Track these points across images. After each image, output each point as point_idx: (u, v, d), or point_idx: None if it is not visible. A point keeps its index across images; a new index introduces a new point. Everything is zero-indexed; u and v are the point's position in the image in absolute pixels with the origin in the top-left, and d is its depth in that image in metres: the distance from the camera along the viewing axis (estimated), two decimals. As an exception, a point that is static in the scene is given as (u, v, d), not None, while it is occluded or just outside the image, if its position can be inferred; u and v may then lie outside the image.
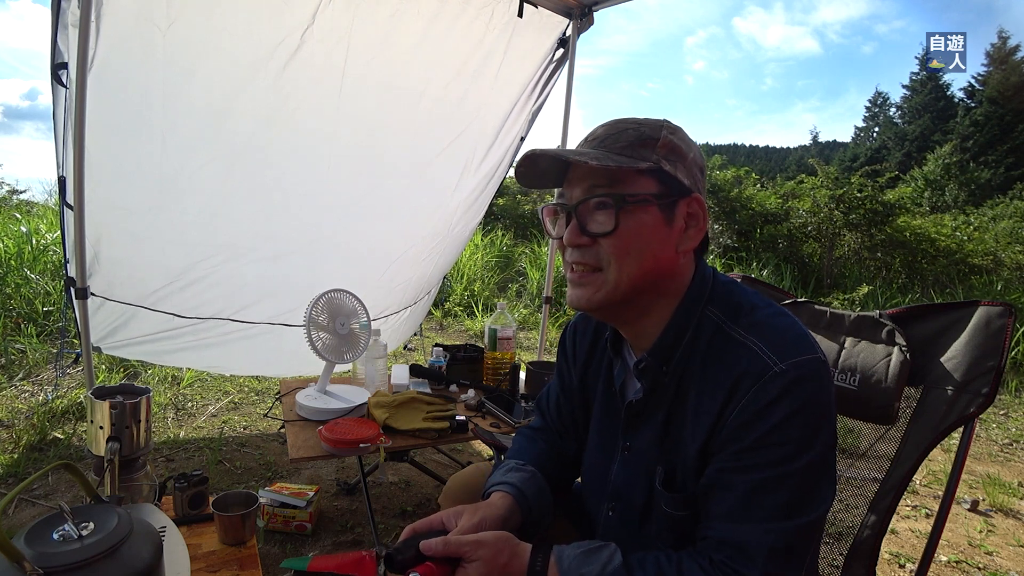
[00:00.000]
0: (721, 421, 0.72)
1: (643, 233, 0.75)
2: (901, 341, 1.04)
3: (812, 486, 0.70)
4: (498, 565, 0.72)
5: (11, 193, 8.89)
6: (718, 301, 0.79)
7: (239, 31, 1.95)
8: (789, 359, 0.69)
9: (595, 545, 0.74)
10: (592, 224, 0.77)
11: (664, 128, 0.78)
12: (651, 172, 0.75)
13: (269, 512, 1.82)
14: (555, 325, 5.29)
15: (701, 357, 0.77)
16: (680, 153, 0.77)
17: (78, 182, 1.77)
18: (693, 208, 0.78)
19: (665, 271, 0.78)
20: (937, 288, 6.69)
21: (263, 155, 2.20)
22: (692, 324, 0.78)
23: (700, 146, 0.82)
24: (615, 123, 0.80)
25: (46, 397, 2.76)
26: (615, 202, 0.74)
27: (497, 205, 8.83)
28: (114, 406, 1.15)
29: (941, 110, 23.95)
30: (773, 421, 0.68)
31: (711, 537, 0.72)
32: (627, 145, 0.76)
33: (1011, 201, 12.33)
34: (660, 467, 0.80)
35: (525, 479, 0.92)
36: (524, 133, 2.76)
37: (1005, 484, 2.68)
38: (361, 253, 2.63)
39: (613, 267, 0.76)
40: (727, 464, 0.71)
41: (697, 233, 0.79)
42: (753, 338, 0.73)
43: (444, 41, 2.29)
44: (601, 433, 0.92)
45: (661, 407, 0.80)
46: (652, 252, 0.76)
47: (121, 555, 0.77)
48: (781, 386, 0.68)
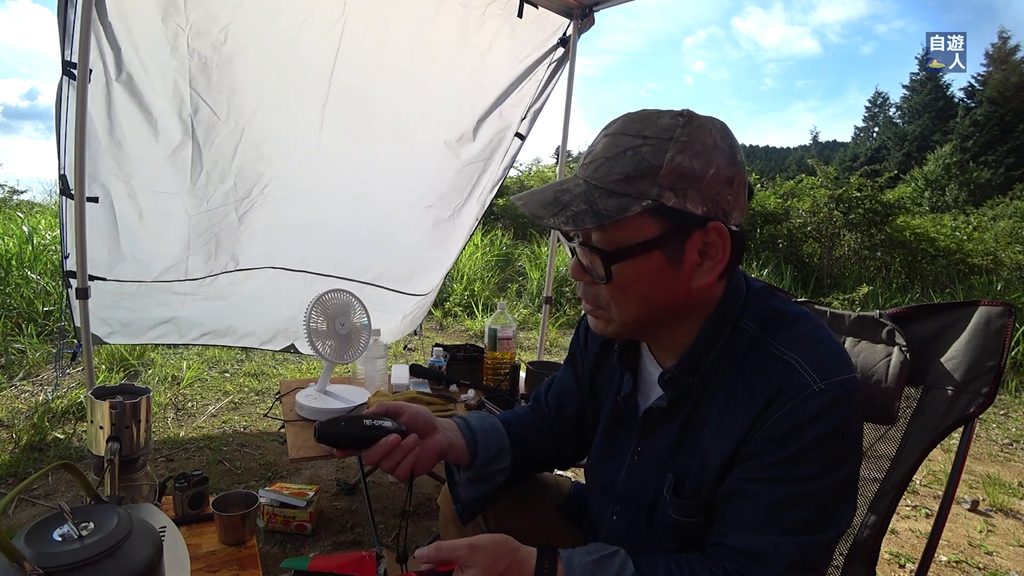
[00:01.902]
0: (752, 433, 0.70)
1: (641, 281, 0.71)
2: (901, 341, 1.04)
3: (835, 504, 0.69)
4: (497, 572, 0.67)
5: (11, 193, 8.90)
6: (753, 312, 0.75)
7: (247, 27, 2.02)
8: (829, 378, 0.67)
9: (605, 552, 0.71)
10: (589, 266, 0.73)
11: (673, 147, 0.66)
12: (651, 211, 0.67)
13: (269, 512, 1.82)
14: (555, 325, 5.29)
15: (733, 368, 0.74)
16: (692, 176, 0.67)
17: (79, 182, 1.77)
18: (711, 238, 0.69)
19: (678, 305, 0.74)
20: (937, 288, 6.69)
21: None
22: (723, 337, 0.74)
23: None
24: (616, 138, 0.70)
25: (46, 397, 2.75)
26: (603, 257, 0.70)
27: (497, 205, 8.81)
28: (114, 406, 1.15)
29: (941, 110, 23.96)
30: (808, 439, 0.67)
31: (726, 545, 0.70)
32: (622, 179, 0.67)
33: (1011, 201, 12.33)
34: (671, 474, 0.78)
35: (479, 416, 0.94)
36: (525, 133, 2.76)
37: (1005, 484, 2.68)
38: (354, 206, 2.68)
39: (614, 310, 0.74)
40: (752, 475, 0.70)
41: (715, 265, 0.71)
42: (792, 353, 0.70)
43: (444, 40, 2.31)
44: (609, 437, 0.90)
45: (680, 415, 0.78)
46: (655, 296, 0.72)
47: (121, 555, 0.76)
48: (820, 405, 0.66)
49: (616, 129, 0.71)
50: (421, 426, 0.85)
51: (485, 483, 0.93)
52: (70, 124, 1.90)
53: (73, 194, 1.96)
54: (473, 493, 0.94)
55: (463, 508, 0.95)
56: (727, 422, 0.72)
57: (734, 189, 0.70)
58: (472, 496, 0.94)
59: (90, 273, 2.06)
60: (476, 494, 0.94)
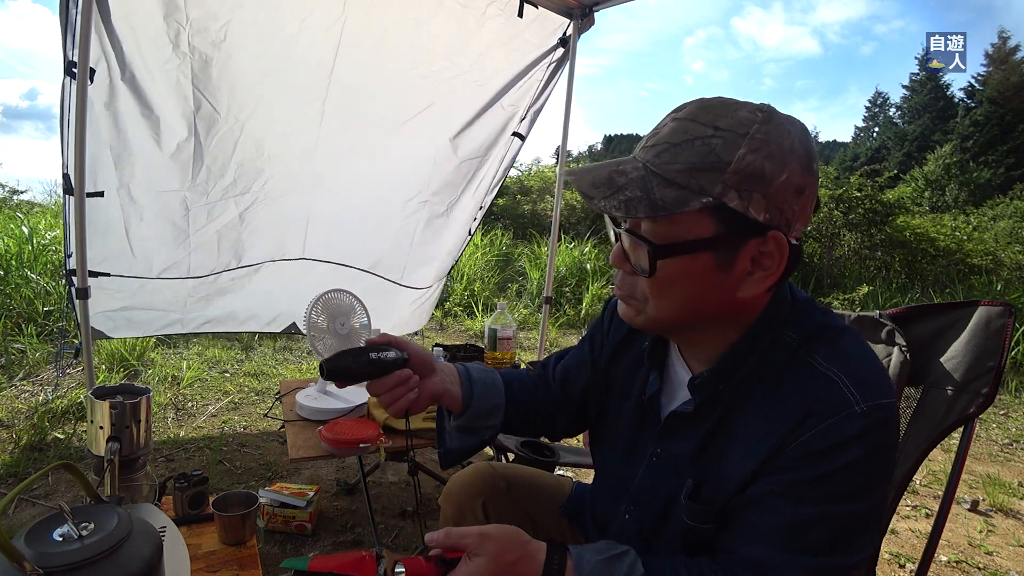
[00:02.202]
0: (783, 446, 0.67)
1: (684, 281, 0.67)
2: (901, 341, 1.04)
3: (858, 530, 0.66)
4: (505, 563, 0.66)
5: (11, 193, 8.89)
6: (796, 323, 0.71)
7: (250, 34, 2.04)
8: (872, 400, 0.64)
9: (615, 551, 0.70)
10: (633, 256, 0.69)
11: (747, 144, 0.61)
12: (710, 210, 0.63)
13: (269, 512, 1.82)
14: (555, 325, 5.29)
15: (770, 379, 0.71)
16: (762, 177, 0.62)
17: (79, 181, 1.78)
18: (768, 248, 0.65)
19: (718, 311, 0.70)
20: (937, 288, 6.68)
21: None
22: (762, 347, 0.71)
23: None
24: (685, 124, 0.65)
25: (46, 397, 2.75)
26: (651, 250, 0.65)
27: (497, 205, 8.82)
28: (114, 406, 1.15)
29: (941, 110, 23.94)
30: (843, 461, 0.64)
31: (739, 554, 0.69)
32: (685, 169, 0.62)
33: (1011, 201, 12.33)
34: (690, 479, 0.75)
35: (482, 369, 0.93)
36: (524, 133, 2.76)
37: (1005, 484, 2.68)
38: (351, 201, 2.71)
39: (650, 304, 0.70)
40: (777, 489, 0.67)
41: (767, 277, 0.66)
42: (835, 368, 0.67)
43: (444, 40, 2.32)
44: (628, 434, 0.87)
45: (706, 421, 0.75)
46: (697, 298, 0.68)
47: (121, 555, 0.76)
48: (861, 428, 0.64)
49: (687, 114, 0.66)
50: (420, 366, 0.84)
51: (473, 435, 0.92)
52: (74, 124, 1.90)
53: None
54: (459, 442, 0.93)
55: (446, 453, 0.94)
56: (758, 432, 0.70)
57: (803, 200, 0.65)
58: (457, 445, 0.93)
59: (93, 269, 2.08)
60: (462, 443, 0.93)
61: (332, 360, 0.77)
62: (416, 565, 0.68)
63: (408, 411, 0.82)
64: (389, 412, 0.82)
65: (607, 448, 0.93)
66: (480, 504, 1.00)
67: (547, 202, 8.61)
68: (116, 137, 2.04)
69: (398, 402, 0.80)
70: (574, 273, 6.32)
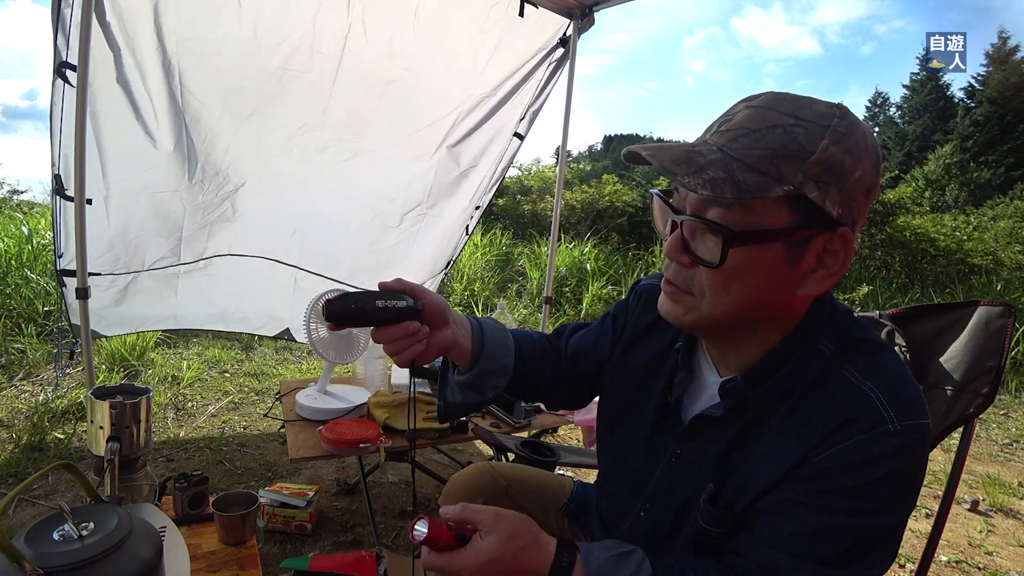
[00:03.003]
0: (810, 456, 0.66)
1: (752, 273, 0.65)
2: (901, 341, 1.04)
3: (878, 545, 0.66)
4: (514, 547, 0.67)
5: (11, 193, 8.89)
6: (833, 334, 0.70)
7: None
8: (906, 420, 0.63)
9: (623, 550, 0.70)
10: (697, 246, 0.66)
11: (829, 135, 0.61)
12: (789, 199, 0.61)
13: (269, 512, 1.82)
14: (555, 325, 5.28)
15: (803, 388, 0.70)
16: (840, 172, 0.61)
17: (79, 184, 1.78)
18: (834, 246, 0.64)
19: (772, 310, 0.69)
20: (937, 288, 6.68)
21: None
22: (799, 353, 0.70)
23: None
24: (763, 112, 0.63)
25: (46, 397, 2.75)
26: (726, 237, 0.62)
27: (497, 205, 8.83)
28: (114, 406, 1.15)
29: (941, 110, 23.93)
30: (870, 478, 0.63)
31: (748, 557, 0.68)
32: (766, 155, 0.61)
33: (1011, 201, 12.32)
34: (711, 483, 0.74)
35: (496, 328, 0.90)
36: (524, 133, 2.76)
37: (1005, 484, 2.68)
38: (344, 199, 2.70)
39: (707, 300, 0.68)
40: (799, 498, 0.66)
41: (829, 276, 0.65)
42: (870, 384, 0.66)
43: (444, 40, 2.32)
44: (649, 432, 0.85)
45: (733, 426, 0.74)
46: (759, 294, 0.66)
47: (121, 555, 0.76)
48: (892, 447, 0.63)
49: (764, 103, 0.65)
50: (434, 316, 0.80)
51: (475, 393, 0.90)
52: (64, 125, 1.90)
53: (67, 194, 1.97)
54: (459, 397, 0.91)
55: (445, 407, 0.93)
56: (785, 440, 0.69)
57: (868, 200, 0.65)
58: (457, 400, 0.91)
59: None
60: (464, 399, 0.91)
61: (335, 301, 0.73)
62: (439, 528, 0.68)
63: (415, 361, 0.79)
64: (394, 361, 0.79)
65: (623, 442, 0.91)
66: (480, 504, 1.00)
67: (547, 202, 8.60)
68: (108, 138, 2.03)
69: (404, 353, 0.77)
70: (574, 273, 6.32)
